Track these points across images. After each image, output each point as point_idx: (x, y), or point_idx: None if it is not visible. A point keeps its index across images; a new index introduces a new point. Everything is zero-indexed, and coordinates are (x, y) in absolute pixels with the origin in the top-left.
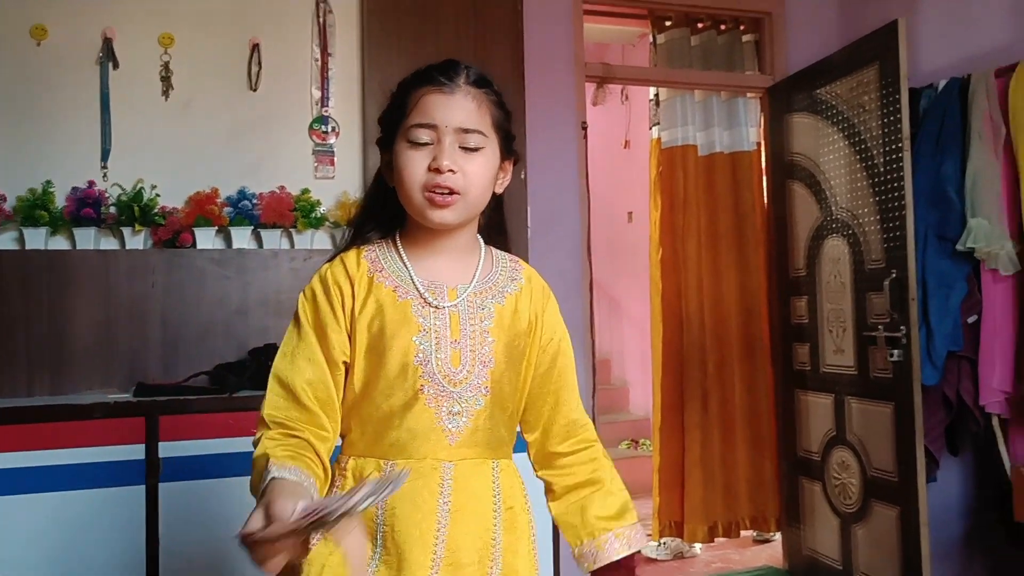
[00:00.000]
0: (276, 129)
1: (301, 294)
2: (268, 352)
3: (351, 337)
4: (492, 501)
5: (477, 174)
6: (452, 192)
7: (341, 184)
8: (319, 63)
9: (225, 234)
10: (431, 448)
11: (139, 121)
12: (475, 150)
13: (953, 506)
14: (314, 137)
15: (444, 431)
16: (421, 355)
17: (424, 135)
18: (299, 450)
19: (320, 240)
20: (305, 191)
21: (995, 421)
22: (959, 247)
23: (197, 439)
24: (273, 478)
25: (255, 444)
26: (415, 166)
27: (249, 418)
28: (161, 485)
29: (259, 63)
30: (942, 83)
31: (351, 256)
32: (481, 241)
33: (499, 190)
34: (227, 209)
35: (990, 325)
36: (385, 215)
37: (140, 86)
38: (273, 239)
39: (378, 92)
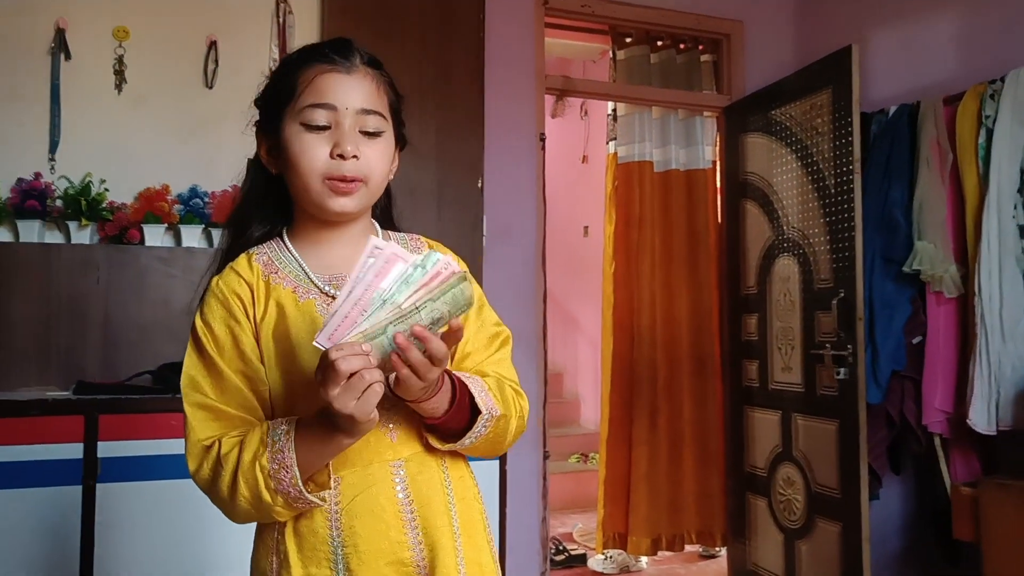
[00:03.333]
0: (231, 127)
1: (197, 314)
2: None
3: (259, 345)
4: (446, 496)
5: (378, 159)
6: (356, 180)
7: None
8: (277, 63)
9: (175, 232)
10: (373, 451)
11: (90, 114)
12: (375, 134)
13: (894, 523)
14: None
15: (382, 428)
16: None
17: (321, 117)
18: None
19: None
20: None
21: (937, 441)
22: (905, 269)
23: (138, 439)
24: (289, 425)
25: (198, 473)
26: (315, 151)
27: None
28: (99, 486)
29: (216, 60)
30: (892, 109)
31: (242, 262)
32: (376, 226)
33: (389, 178)
34: (177, 207)
35: (933, 346)
36: (266, 210)
37: (92, 79)
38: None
39: None
